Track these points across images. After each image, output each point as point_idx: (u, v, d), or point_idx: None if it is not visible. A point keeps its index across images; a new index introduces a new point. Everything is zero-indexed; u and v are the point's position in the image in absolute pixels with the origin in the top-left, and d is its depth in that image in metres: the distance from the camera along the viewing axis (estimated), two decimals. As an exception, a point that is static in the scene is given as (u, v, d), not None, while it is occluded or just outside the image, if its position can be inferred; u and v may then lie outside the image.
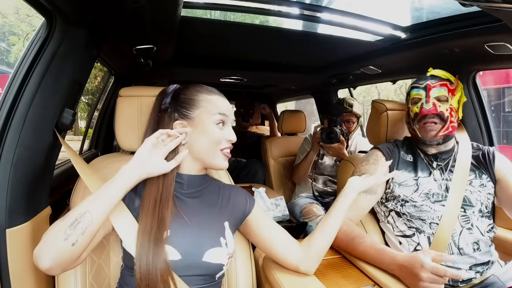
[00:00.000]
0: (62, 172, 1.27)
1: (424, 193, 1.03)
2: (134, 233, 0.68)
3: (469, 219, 0.99)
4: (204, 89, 0.80)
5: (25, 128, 0.76)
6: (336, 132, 1.76)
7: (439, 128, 1.03)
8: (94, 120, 2.18)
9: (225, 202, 0.82)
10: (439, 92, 1.03)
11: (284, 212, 1.66)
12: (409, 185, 1.05)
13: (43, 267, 0.59)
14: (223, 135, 0.77)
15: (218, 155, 0.77)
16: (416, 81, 1.09)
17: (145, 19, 0.93)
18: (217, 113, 0.76)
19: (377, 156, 1.11)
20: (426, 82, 1.05)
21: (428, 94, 1.04)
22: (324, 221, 0.86)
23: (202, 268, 0.71)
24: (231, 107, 0.82)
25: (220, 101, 0.79)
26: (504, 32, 0.98)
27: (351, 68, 1.88)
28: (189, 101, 0.78)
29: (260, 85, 2.90)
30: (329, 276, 0.90)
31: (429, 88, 1.04)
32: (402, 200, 1.03)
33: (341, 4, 1.28)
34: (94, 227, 0.62)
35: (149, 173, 0.70)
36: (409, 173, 1.07)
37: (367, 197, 1.06)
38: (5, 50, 10.35)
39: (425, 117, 1.04)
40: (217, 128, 0.76)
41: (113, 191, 0.65)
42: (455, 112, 1.04)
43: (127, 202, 0.73)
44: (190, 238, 0.71)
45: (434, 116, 1.03)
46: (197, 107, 0.77)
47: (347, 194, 0.89)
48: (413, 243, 1.00)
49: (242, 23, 1.36)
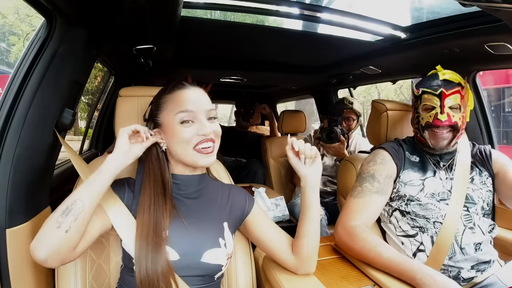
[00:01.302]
0: (62, 172, 1.27)
1: (430, 193, 1.02)
2: (133, 233, 0.69)
3: (472, 218, 0.98)
4: (170, 87, 0.76)
5: (25, 128, 0.77)
6: (336, 131, 1.76)
7: (450, 137, 1.01)
8: (94, 120, 2.18)
9: (225, 202, 0.82)
10: (454, 101, 0.99)
11: (284, 212, 1.66)
12: (415, 185, 1.04)
13: (39, 259, 0.59)
14: (192, 132, 0.71)
15: (193, 154, 0.72)
16: (428, 84, 1.03)
17: (145, 19, 0.93)
18: (178, 111, 0.72)
19: (384, 156, 1.09)
20: (441, 88, 0.99)
21: (443, 103, 0.98)
22: (302, 221, 0.81)
23: (200, 269, 0.71)
24: (202, 98, 0.76)
25: (183, 95, 0.74)
26: (504, 32, 0.98)
27: (351, 68, 1.88)
28: (156, 106, 0.77)
29: (260, 85, 2.90)
30: (329, 276, 0.89)
31: (444, 96, 0.99)
32: (407, 199, 1.03)
33: (341, 4, 1.28)
34: (86, 214, 0.63)
35: (131, 161, 0.70)
36: (415, 173, 1.06)
37: (378, 198, 1.02)
38: (5, 50, 10.35)
39: (439, 127, 1.01)
40: (183, 127, 0.72)
41: (101, 179, 0.65)
42: (465, 119, 1.02)
43: (125, 202, 0.73)
44: (188, 239, 0.71)
45: (448, 127, 1.00)
46: (162, 110, 0.75)
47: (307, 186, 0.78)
48: (416, 243, 0.99)
49: (242, 23, 1.36)
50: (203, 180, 0.82)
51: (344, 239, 0.97)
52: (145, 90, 0.91)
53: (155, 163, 0.75)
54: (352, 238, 0.94)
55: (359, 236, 0.93)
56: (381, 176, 1.04)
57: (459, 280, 0.93)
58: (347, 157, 1.38)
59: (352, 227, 0.96)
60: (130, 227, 0.70)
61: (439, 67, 1.05)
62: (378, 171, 1.05)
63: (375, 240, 0.92)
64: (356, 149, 1.99)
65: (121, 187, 0.75)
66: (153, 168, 0.75)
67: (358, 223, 0.97)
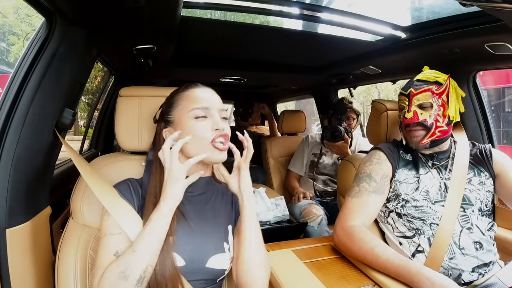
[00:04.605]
0: (62, 172, 1.27)
1: (424, 191, 1.02)
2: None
3: (469, 218, 0.98)
4: (182, 87, 0.77)
5: (25, 128, 0.77)
6: (340, 130, 1.75)
7: (422, 135, 1.04)
8: (94, 120, 2.18)
9: (229, 206, 0.82)
10: (423, 99, 1.02)
11: (284, 212, 1.66)
12: (410, 183, 1.05)
13: None
14: (207, 127, 0.71)
15: (211, 149, 0.71)
16: (404, 86, 1.09)
17: (145, 19, 0.93)
18: (193, 108, 0.72)
19: (380, 156, 1.10)
20: (410, 88, 1.05)
21: (410, 102, 1.04)
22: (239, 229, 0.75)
23: (205, 274, 0.71)
24: (215, 97, 0.76)
25: (196, 93, 0.74)
26: (504, 32, 0.98)
27: (351, 68, 1.88)
28: (168, 105, 0.76)
29: (260, 85, 2.90)
30: (329, 276, 0.90)
31: (412, 95, 1.04)
32: (403, 199, 1.03)
33: (341, 4, 1.28)
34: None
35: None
36: (409, 170, 1.07)
37: (375, 198, 1.03)
38: (5, 50, 10.35)
39: (409, 125, 1.05)
40: (197, 122, 0.71)
41: (164, 225, 0.64)
42: (442, 117, 1.02)
43: (134, 205, 0.71)
44: (194, 245, 0.71)
45: (417, 125, 1.03)
46: (174, 108, 0.75)
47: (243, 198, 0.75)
48: (414, 244, 1.00)
49: (242, 23, 1.35)
50: (210, 183, 0.81)
51: (343, 239, 0.97)
52: (145, 90, 0.91)
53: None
54: (350, 238, 0.94)
55: (357, 236, 0.93)
56: (378, 176, 1.05)
57: (460, 284, 0.93)
58: (347, 157, 1.39)
59: (351, 227, 0.96)
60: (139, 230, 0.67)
61: (426, 68, 1.09)
62: (374, 171, 1.06)
63: (373, 240, 0.92)
64: (356, 148, 1.99)
65: (127, 190, 0.73)
66: (161, 167, 0.73)
67: (356, 223, 0.97)
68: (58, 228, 1.06)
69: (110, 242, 0.65)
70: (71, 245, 0.78)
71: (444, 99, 1.02)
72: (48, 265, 0.88)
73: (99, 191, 0.71)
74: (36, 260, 0.82)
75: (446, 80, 1.03)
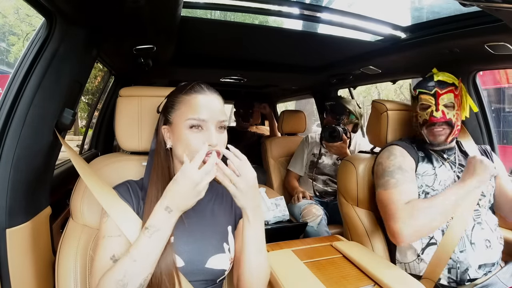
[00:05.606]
0: (62, 172, 1.27)
1: (443, 181, 1.06)
2: None
3: (480, 212, 1.03)
4: (188, 88, 0.73)
5: (25, 128, 0.76)
6: (338, 130, 1.75)
7: (447, 133, 1.08)
8: (94, 120, 2.18)
9: (228, 206, 0.81)
10: (447, 99, 1.07)
11: (284, 212, 1.66)
12: (430, 175, 1.08)
13: None
14: (200, 140, 0.68)
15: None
16: (424, 85, 1.11)
17: (145, 19, 0.93)
18: (189, 118, 0.68)
19: (401, 151, 1.12)
20: (435, 88, 1.08)
21: (438, 101, 1.07)
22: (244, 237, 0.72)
23: (204, 274, 0.71)
24: (216, 107, 0.72)
25: (198, 101, 0.70)
26: (504, 32, 0.98)
27: (351, 68, 1.88)
28: (171, 103, 0.74)
29: (260, 85, 2.90)
30: (329, 276, 0.90)
31: (438, 95, 1.07)
32: (423, 192, 1.06)
33: (341, 4, 1.28)
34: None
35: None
36: (426, 164, 1.11)
37: (414, 187, 1.04)
38: (5, 50, 10.35)
39: (435, 124, 1.08)
40: (191, 133, 0.69)
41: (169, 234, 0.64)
42: (459, 117, 1.09)
43: (133, 207, 0.71)
44: (193, 245, 0.71)
45: (443, 123, 1.07)
46: (175, 110, 0.72)
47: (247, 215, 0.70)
48: (427, 237, 1.01)
49: (242, 23, 1.36)
50: (209, 183, 0.80)
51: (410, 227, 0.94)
52: (145, 90, 0.91)
53: (163, 158, 0.74)
54: (413, 217, 0.94)
55: (416, 212, 0.94)
56: (408, 167, 1.08)
57: (464, 280, 0.94)
58: (347, 157, 1.38)
59: (407, 206, 0.97)
60: (138, 231, 0.67)
61: (435, 70, 1.13)
62: (404, 163, 1.08)
63: (425, 203, 0.97)
64: (356, 148, 1.99)
65: (127, 192, 0.73)
66: (161, 163, 0.73)
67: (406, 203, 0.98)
68: (58, 228, 1.06)
69: (108, 245, 0.65)
70: (71, 245, 0.78)
71: (459, 100, 1.09)
72: (48, 265, 0.88)
73: (98, 192, 0.71)
74: (36, 260, 0.82)
75: (459, 82, 1.11)
